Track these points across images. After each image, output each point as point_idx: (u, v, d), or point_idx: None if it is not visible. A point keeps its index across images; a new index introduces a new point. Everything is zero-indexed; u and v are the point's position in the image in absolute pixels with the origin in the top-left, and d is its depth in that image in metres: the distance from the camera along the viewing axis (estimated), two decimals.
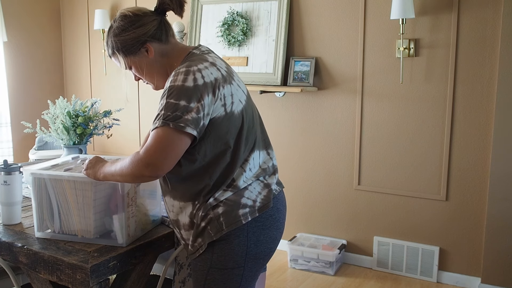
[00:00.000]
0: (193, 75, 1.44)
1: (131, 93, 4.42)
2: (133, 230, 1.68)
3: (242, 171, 1.54)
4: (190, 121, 1.41)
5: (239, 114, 1.53)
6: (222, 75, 1.51)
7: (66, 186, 1.64)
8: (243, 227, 1.52)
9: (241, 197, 1.52)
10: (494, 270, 3.04)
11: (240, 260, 1.53)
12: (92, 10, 4.49)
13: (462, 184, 3.15)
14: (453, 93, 3.11)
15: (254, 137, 1.58)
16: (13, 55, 4.43)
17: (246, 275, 1.55)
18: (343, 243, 3.53)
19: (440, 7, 3.09)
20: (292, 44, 3.58)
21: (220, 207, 1.51)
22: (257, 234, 1.54)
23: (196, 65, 1.47)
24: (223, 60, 1.62)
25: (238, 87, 1.56)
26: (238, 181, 1.53)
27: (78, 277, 1.49)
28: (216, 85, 1.47)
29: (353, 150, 3.46)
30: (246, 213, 1.51)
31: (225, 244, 1.52)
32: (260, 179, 1.57)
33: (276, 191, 1.62)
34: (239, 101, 1.54)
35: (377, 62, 3.31)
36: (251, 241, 1.53)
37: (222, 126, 1.49)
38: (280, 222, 1.62)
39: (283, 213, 1.64)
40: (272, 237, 1.58)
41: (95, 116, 2.61)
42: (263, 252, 1.57)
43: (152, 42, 1.56)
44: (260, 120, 1.67)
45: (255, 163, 1.58)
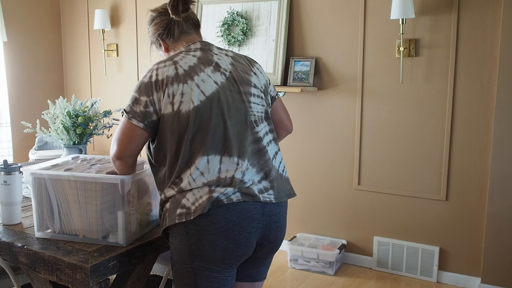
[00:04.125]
0: (151, 72, 1.59)
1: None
2: (133, 230, 1.67)
3: (189, 172, 1.54)
4: (138, 114, 1.55)
5: (186, 114, 1.53)
6: (176, 73, 1.56)
7: (66, 186, 1.64)
8: (182, 227, 1.54)
9: (183, 197, 1.54)
10: (494, 270, 3.04)
11: (185, 258, 1.56)
12: (92, 10, 4.49)
13: (462, 184, 3.15)
14: (453, 93, 3.11)
15: (205, 140, 1.53)
16: (13, 55, 4.43)
17: (197, 273, 1.56)
18: (343, 243, 3.53)
19: (440, 7, 3.09)
20: (292, 44, 3.58)
21: (168, 203, 1.59)
22: (197, 237, 1.53)
23: (159, 63, 1.61)
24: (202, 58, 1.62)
25: (195, 86, 1.55)
26: (184, 181, 1.54)
27: (78, 277, 1.49)
28: (165, 82, 1.55)
29: (353, 150, 3.46)
30: (182, 214, 1.53)
31: (173, 240, 1.59)
32: (210, 186, 1.53)
33: (230, 200, 1.53)
34: (191, 101, 1.53)
35: (377, 62, 3.31)
36: (191, 242, 1.54)
37: (169, 123, 1.55)
38: (232, 233, 1.54)
39: (237, 225, 1.54)
40: (219, 245, 1.53)
41: (95, 116, 2.61)
42: (210, 256, 1.54)
43: (164, 39, 1.74)
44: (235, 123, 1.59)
45: (211, 167, 1.53)
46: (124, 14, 4.37)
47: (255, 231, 1.58)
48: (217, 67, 1.62)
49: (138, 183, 1.71)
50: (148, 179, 1.79)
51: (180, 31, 1.71)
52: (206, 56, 1.63)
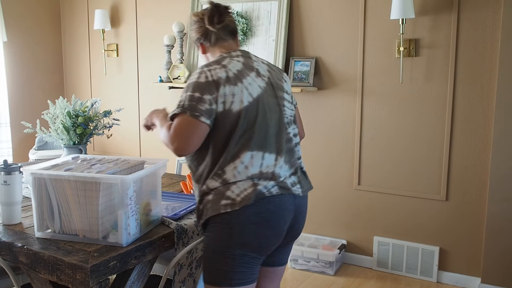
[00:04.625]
0: (204, 74, 1.72)
1: (131, 93, 4.42)
2: (133, 230, 1.68)
3: (234, 165, 1.69)
4: (205, 111, 1.67)
5: (237, 113, 1.69)
6: (227, 76, 1.72)
7: (66, 186, 1.64)
8: (227, 217, 1.68)
9: (227, 189, 1.69)
10: (494, 270, 3.04)
11: (227, 245, 1.69)
12: (92, 10, 4.49)
13: (462, 184, 3.15)
14: (453, 93, 3.11)
15: (250, 137, 1.70)
16: (13, 55, 4.43)
17: (238, 260, 1.70)
18: (343, 243, 3.54)
19: (440, 7, 3.09)
20: (292, 44, 3.58)
21: (210, 195, 1.71)
22: (241, 226, 1.68)
23: (207, 67, 1.75)
24: (246, 64, 1.80)
25: (244, 88, 1.73)
26: (227, 174, 1.69)
27: (78, 277, 1.49)
28: (219, 83, 1.70)
29: (353, 150, 3.47)
30: (228, 204, 1.67)
31: (214, 230, 1.71)
32: (253, 180, 1.70)
33: (271, 193, 1.71)
34: (240, 101, 1.70)
35: (377, 62, 3.31)
36: (234, 231, 1.68)
37: (219, 120, 1.69)
38: (272, 223, 1.72)
39: (278, 216, 1.73)
40: (260, 234, 1.71)
41: (95, 116, 2.62)
42: (251, 244, 1.71)
43: (202, 42, 1.90)
44: (278, 127, 1.78)
45: (254, 162, 1.70)
46: (124, 14, 4.37)
47: (288, 221, 1.78)
48: (258, 73, 1.80)
49: (138, 183, 1.71)
50: (148, 179, 1.79)
51: (217, 38, 1.87)
52: (247, 63, 1.81)
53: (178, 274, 1.87)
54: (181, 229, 1.84)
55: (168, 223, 1.86)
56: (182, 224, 1.86)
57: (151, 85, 4.23)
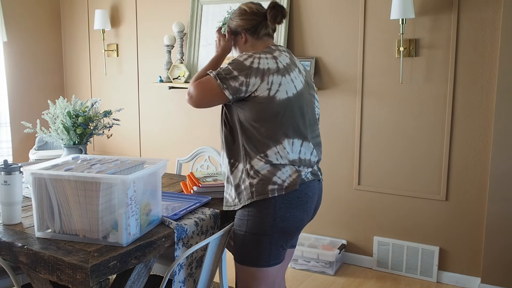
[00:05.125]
0: (252, 59, 1.85)
1: (131, 93, 4.42)
2: (133, 230, 1.68)
3: (276, 149, 1.85)
4: (231, 87, 1.82)
5: (281, 101, 1.85)
6: (278, 67, 1.87)
7: (66, 186, 1.65)
8: (271, 201, 1.83)
9: (274, 175, 1.84)
10: (494, 270, 3.04)
11: (268, 230, 1.84)
12: (92, 10, 4.49)
13: (462, 184, 3.16)
14: (453, 93, 3.11)
15: (292, 126, 1.88)
16: (13, 55, 4.43)
17: (274, 243, 1.86)
18: (343, 243, 3.54)
19: (440, 7, 3.09)
20: (292, 44, 3.58)
21: (256, 179, 1.85)
22: (284, 210, 1.84)
23: (259, 54, 1.88)
24: (291, 60, 1.96)
25: (291, 81, 1.89)
26: (271, 157, 1.84)
27: (78, 277, 1.49)
28: (268, 72, 1.84)
29: (353, 150, 3.47)
30: (274, 189, 1.83)
31: (257, 213, 1.84)
32: (294, 166, 1.87)
33: (308, 179, 1.91)
34: (285, 92, 1.86)
35: (377, 62, 3.31)
36: (277, 215, 1.84)
37: (261, 104, 1.84)
38: (307, 206, 1.91)
39: (311, 199, 1.93)
40: (298, 217, 1.89)
41: (95, 116, 2.62)
42: (289, 228, 1.88)
43: (246, 33, 2.00)
44: (311, 121, 1.97)
45: (294, 149, 1.88)
46: (124, 14, 4.37)
47: (314, 204, 1.99)
48: (299, 70, 1.98)
49: (138, 183, 1.71)
50: (148, 179, 1.80)
51: (264, 33, 2.01)
52: (292, 59, 1.98)
53: (178, 274, 1.87)
54: (181, 229, 1.84)
55: (168, 223, 1.86)
56: (182, 224, 1.86)
57: (151, 85, 4.23)
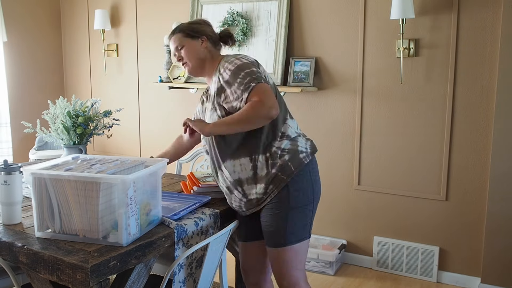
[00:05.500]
0: (242, 58, 1.99)
1: (131, 93, 4.42)
2: (133, 230, 1.68)
3: (287, 126, 2.00)
4: (264, 78, 1.94)
5: (273, 85, 2.01)
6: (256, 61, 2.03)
7: (66, 186, 1.65)
8: (306, 169, 1.95)
9: (297, 146, 1.98)
10: (494, 270, 3.04)
11: (310, 196, 1.95)
12: (92, 10, 4.49)
13: (462, 184, 3.16)
14: (453, 93, 3.11)
15: (284, 105, 2.04)
16: (13, 55, 4.43)
17: (314, 210, 1.97)
18: (343, 243, 3.54)
19: (440, 7, 3.09)
20: (292, 44, 3.58)
21: (286, 155, 1.93)
22: (314, 174, 2.00)
23: (239, 54, 2.02)
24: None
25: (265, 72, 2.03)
26: (288, 132, 1.99)
27: (78, 277, 1.49)
28: (257, 63, 2.01)
29: (353, 150, 3.47)
30: (305, 156, 1.97)
31: (297, 186, 1.92)
32: (303, 136, 2.06)
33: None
34: (270, 78, 2.02)
35: (377, 62, 3.31)
36: (313, 179, 1.98)
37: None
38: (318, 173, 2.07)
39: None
40: (320, 182, 2.04)
41: (95, 116, 2.62)
42: (320, 191, 2.03)
43: (208, 39, 2.09)
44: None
45: (294, 125, 2.04)
46: (124, 14, 4.37)
47: None
48: None
49: (138, 183, 1.71)
50: (148, 179, 1.80)
51: (218, 46, 2.15)
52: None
53: (178, 274, 1.87)
54: (181, 229, 1.84)
55: (168, 223, 1.86)
56: (182, 224, 1.86)
57: (151, 85, 4.23)
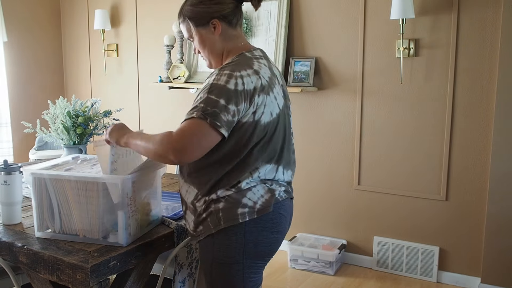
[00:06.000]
0: (235, 80, 1.50)
1: (131, 93, 4.42)
2: (133, 230, 1.68)
3: (250, 176, 1.57)
4: (226, 122, 1.47)
5: (265, 125, 1.56)
6: (261, 84, 1.55)
7: (66, 186, 1.64)
8: (241, 226, 1.55)
9: (243, 196, 1.56)
10: (494, 270, 3.04)
11: (238, 257, 1.58)
12: (92, 10, 4.49)
13: (462, 184, 3.15)
14: (453, 93, 3.11)
15: (272, 152, 1.61)
16: (13, 55, 4.43)
17: (246, 271, 1.60)
18: (343, 243, 3.54)
19: (440, 7, 3.09)
20: (292, 44, 3.58)
21: (221, 203, 1.56)
22: (255, 235, 1.57)
23: (239, 71, 1.53)
24: (270, 69, 1.64)
25: (274, 99, 1.60)
26: (242, 184, 1.56)
27: (78, 277, 1.49)
28: (254, 93, 1.53)
29: (353, 150, 3.46)
30: (245, 213, 1.55)
31: (224, 240, 1.57)
32: (266, 184, 1.60)
33: (282, 197, 1.64)
34: (270, 114, 1.58)
35: (377, 62, 3.31)
36: (249, 241, 1.57)
37: (245, 131, 1.54)
38: (281, 226, 1.65)
39: (285, 219, 1.67)
40: (272, 239, 1.62)
41: (95, 116, 2.62)
42: (262, 252, 1.62)
43: (222, 21, 1.62)
44: (288, 138, 1.69)
45: (268, 174, 1.61)
46: (124, 14, 4.37)
47: (289, 223, 1.72)
48: (278, 80, 1.67)
49: (139, 183, 1.71)
50: (148, 179, 1.79)
51: (238, 22, 1.67)
52: (271, 67, 1.65)
53: (178, 274, 1.87)
54: (181, 229, 1.84)
55: (168, 223, 1.86)
56: (182, 224, 1.86)
57: (151, 85, 4.23)
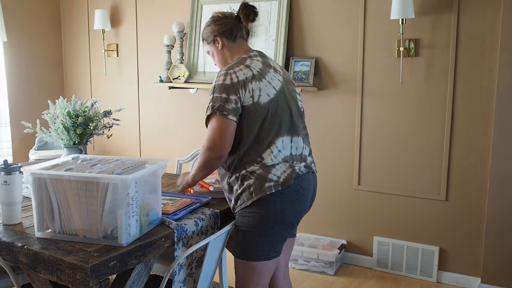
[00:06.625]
0: (230, 76, 1.92)
1: (131, 93, 4.42)
2: (133, 230, 1.68)
3: (270, 151, 1.93)
4: (230, 110, 1.88)
5: (265, 105, 1.93)
6: (253, 74, 1.94)
7: (66, 186, 1.65)
8: (269, 198, 1.90)
9: (268, 173, 1.91)
10: (494, 270, 3.04)
11: (270, 224, 1.92)
12: (92, 10, 4.49)
13: (462, 184, 3.16)
14: (453, 93, 3.11)
15: (279, 125, 1.95)
16: (13, 55, 4.43)
17: (275, 236, 1.95)
18: (343, 243, 3.54)
19: (440, 7, 3.09)
20: (292, 44, 3.58)
21: (251, 179, 1.92)
22: (283, 204, 1.92)
23: (232, 69, 1.94)
24: (264, 63, 2.03)
25: (268, 83, 1.96)
26: (266, 159, 1.92)
27: (78, 277, 1.49)
28: (247, 82, 1.91)
29: (353, 150, 3.47)
30: (271, 186, 1.90)
31: (257, 210, 1.91)
32: (287, 162, 1.95)
33: (302, 172, 1.98)
34: (267, 95, 1.94)
35: (377, 62, 3.31)
36: (278, 210, 1.91)
37: (249, 113, 1.91)
38: (304, 198, 1.99)
39: (307, 191, 2.01)
40: (297, 209, 1.97)
41: (95, 116, 2.62)
42: (289, 220, 1.96)
43: (223, 36, 2.06)
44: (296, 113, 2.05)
45: (285, 146, 1.96)
46: (124, 14, 4.37)
47: (311, 195, 2.06)
48: (275, 69, 2.05)
49: (139, 183, 1.71)
50: (148, 179, 1.80)
51: (239, 35, 2.07)
52: (265, 61, 2.04)
53: (178, 274, 1.87)
54: (181, 229, 1.84)
55: (168, 223, 1.86)
56: (182, 224, 1.86)
57: (151, 85, 4.23)
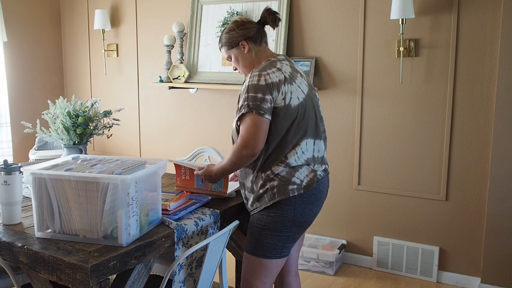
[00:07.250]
0: (264, 77, 1.97)
1: (131, 93, 4.42)
2: (133, 230, 1.68)
3: (294, 152, 1.98)
4: (266, 109, 1.94)
5: (296, 107, 1.99)
6: (285, 77, 2.00)
7: (66, 186, 1.65)
8: (291, 200, 1.97)
9: (292, 176, 1.98)
10: (494, 270, 3.04)
11: (287, 225, 1.99)
12: (92, 10, 4.49)
13: (462, 184, 3.16)
14: (453, 93, 3.11)
15: (305, 127, 2.02)
16: (13, 55, 4.43)
17: (290, 236, 2.03)
18: (343, 243, 3.54)
19: (440, 7, 3.09)
20: (292, 44, 3.58)
21: (275, 181, 1.98)
22: (303, 207, 2.00)
23: (265, 70, 1.99)
24: (292, 67, 2.08)
25: (298, 87, 2.03)
26: (290, 159, 1.98)
27: (78, 277, 1.49)
28: (280, 84, 1.98)
29: (353, 150, 3.47)
30: (294, 189, 1.97)
31: (278, 211, 1.98)
32: (310, 165, 2.03)
33: (321, 176, 2.07)
34: (297, 98, 2.01)
35: (377, 62, 3.31)
36: (297, 212, 1.99)
37: (280, 114, 1.97)
38: (321, 200, 2.09)
39: (324, 194, 2.11)
40: (314, 211, 2.07)
41: (95, 116, 2.62)
42: (306, 222, 2.06)
43: (248, 41, 2.09)
44: (319, 117, 2.11)
45: (308, 148, 2.02)
46: (124, 14, 4.37)
47: (326, 197, 2.16)
48: (301, 74, 2.12)
49: (139, 183, 1.71)
50: (148, 179, 1.79)
51: (263, 40, 2.12)
52: (292, 66, 2.11)
53: (178, 274, 1.87)
54: (181, 229, 1.84)
55: (168, 223, 1.86)
56: (182, 224, 1.86)
57: (151, 85, 4.23)
